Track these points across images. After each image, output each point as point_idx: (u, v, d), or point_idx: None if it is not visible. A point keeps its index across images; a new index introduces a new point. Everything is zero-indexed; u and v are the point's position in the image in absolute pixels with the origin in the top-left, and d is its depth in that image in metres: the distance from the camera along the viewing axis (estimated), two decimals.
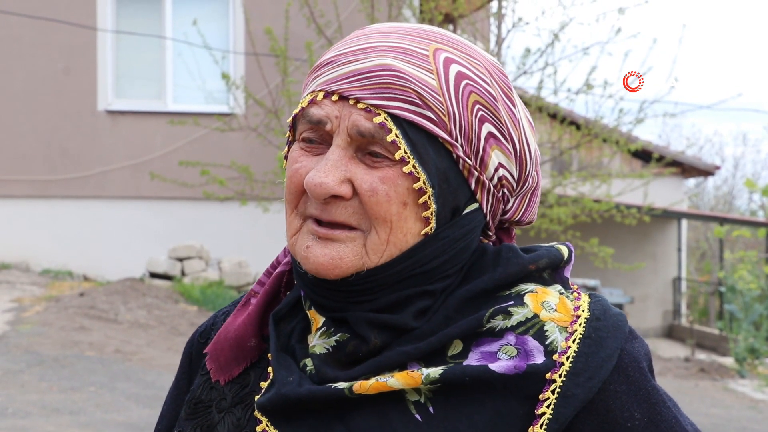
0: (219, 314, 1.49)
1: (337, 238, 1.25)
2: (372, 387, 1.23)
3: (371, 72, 1.25)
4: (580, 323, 1.27)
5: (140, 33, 14.99)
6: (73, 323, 10.87)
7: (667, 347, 19.78)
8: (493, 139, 1.30)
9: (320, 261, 1.25)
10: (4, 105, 14.77)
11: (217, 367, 1.38)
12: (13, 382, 8.81)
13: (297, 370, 1.29)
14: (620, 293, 18.83)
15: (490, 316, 1.26)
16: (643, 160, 20.02)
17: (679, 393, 11.92)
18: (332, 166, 1.24)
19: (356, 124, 1.24)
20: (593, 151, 15.90)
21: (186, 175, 13.94)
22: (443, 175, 1.27)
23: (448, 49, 1.30)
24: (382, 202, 1.24)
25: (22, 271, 14.25)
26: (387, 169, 1.24)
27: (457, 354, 1.25)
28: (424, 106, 1.25)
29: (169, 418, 1.47)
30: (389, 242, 1.25)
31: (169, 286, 13.40)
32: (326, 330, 1.29)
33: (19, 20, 14.42)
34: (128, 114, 15.08)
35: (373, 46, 1.28)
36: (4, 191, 14.72)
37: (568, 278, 1.37)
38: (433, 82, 1.26)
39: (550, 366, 1.23)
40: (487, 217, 1.33)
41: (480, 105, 1.29)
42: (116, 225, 14.75)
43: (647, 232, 22.10)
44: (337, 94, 1.26)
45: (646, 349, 1.30)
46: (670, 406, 1.28)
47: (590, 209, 13.96)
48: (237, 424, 1.34)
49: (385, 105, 1.24)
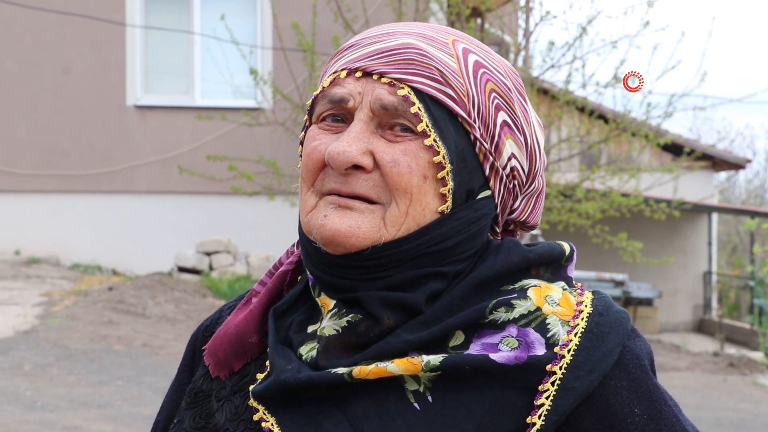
0: (225, 308, 1.51)
1: (357, 207, 1.26)
2: (372, 372, 1.23)
3: (395, 50, 1.29)
4: (583, 318, 1.27)
5: (169, 28, 15.05)
6: (101, 317, 10.94)
7: (697, 342, 19.67)
8: (508, 128, 1.33)
9: (337, 227, 1.25)
10: (34, 101, 14.87)
11: (215, 362, 1.39)
12: (41, 376, 8.88)
13: (295, 359, 1.29)
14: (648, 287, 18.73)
15: (493, 308, 1.26)
16: (674, 154, 19.90)
17: (707, 388, 11.86)
18: (355, 137, 1.26)
19: (379, 98, 1.27)
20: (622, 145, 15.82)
21: (214, 169, 13.99)
22: (461, 154, 1.29)
23: (466, 42, 1.34)
24: (403, 173, 1.26)
25: (52, 265, 14.35)
26: (408, 143, 1.27)
27: (458, 345, 1.25)
28: (446, 84, 1.28)
29: (169, 409, 1.48)
30: (408, 215, 1.26)
31: (197, 281, 13.45)
32: (338, 311, 1.29)
33: (49, 16, 14.51)
34: (157, 109, 15.14)
35: (396, 31, 1.32)
36: (35, 186, 14.83)
37: (572, 277, 1.37)
38: (453, 64, 1.30)
39: (551, 358, 1.23)
40: (497, 208, 1.34)
41: (496, 93, 1.32)
42: (145, 219, 14.83)
43: (677, 227, 21.96)
44: (360, 71, 1.29)
45: (649, 348, 1.31)
46: (671, 405, 1.28)
47: (619, 204, 13.89)
48: (235, 412, 1.34)
49: (409, 79, 1.27)
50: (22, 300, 11.73)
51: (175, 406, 1.47)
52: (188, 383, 1.45)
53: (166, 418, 1.48)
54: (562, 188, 14.12)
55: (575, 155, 15.10)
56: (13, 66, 14.83)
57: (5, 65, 14.83)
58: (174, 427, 1.41)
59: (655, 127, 14.65)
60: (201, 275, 13.72)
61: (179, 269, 13.98)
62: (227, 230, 14.38)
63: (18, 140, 14.86)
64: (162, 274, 13.57)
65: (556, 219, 14.10)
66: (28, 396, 8.24)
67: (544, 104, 15.23)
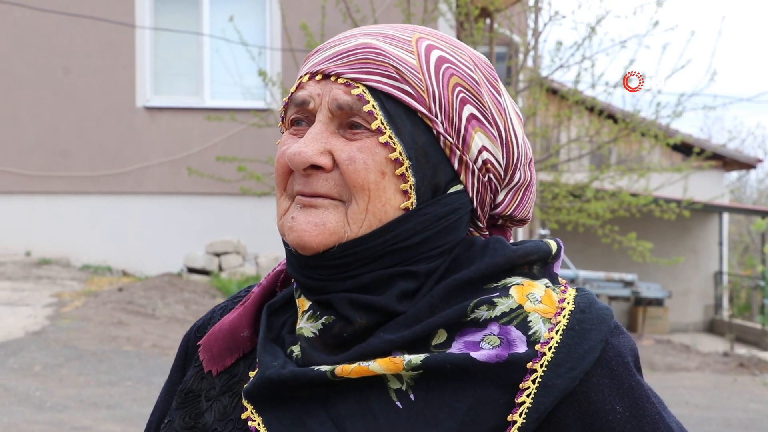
0: (217, 309, 1.51)
1: (320, 204, 1.28)
2: (354, 371, 1.24)
3: (352, 50, 1.31)
4: (564, 315, 1.27)
5: (178, 30, 15.08)
6: (111, 318, 10.97)
7: (708, 342, 19.64)
8: (476, 121, 1.32)
9: (303, 227, 1.27)
10: (44, 102, 14.92)
11: (209, 357, 1.40)
12: (52, 376, 8.92)
13: (282, 356, 1.30)
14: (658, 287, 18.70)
15: (475, 306, 1.26)
16: (684, 154, 19.87)
17: (716, 388, 11.84)
18: (312, 138, 1.28)
19: (335, 98, 1.28)
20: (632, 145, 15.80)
21: (223, 170, 14.02)
22: (422, 150, 1.29)
23: (432, 39, 1.34)
24: (359, 170, 1.27)
25: (62, 266, 14.39)
26: (365, 140, 1.28)
27: (440, 343, 1.26)
28: (402, 80, 1.29)
29: (162, 409, 1.48)
30: (368, 211, 1.27)
31: (206, 281, 13.48)
32: (312, 313, 1.30)
33: (59, 18, 14.55)
34: (166, 110, 15.17)
35: (358, 33, 1.34)
36: (45, 188, 14.87)
37: (558, 274, 1.37)
38: (412, 60, 1.30)
39: (532, 356, 1.23)
40: (474, 203, 1.34)
41: (461, 87, 1.31)
42: (154, 220, 14.86)
43: (688, 227, 21.93)
44: (320, 74, 1.31)
45: (633, 345, 1.30)
46: (654, 402, 1.27)
47: (628, 203, 13.87)
48: (224, 411, 1.35)
49: (363, 78, 1.28)
50: (33, 301, 11.77)
51: (168, 406, 1.47)
52: (180, 383, 1.46)
53: (158, 419, 1.48)
54: (572, 188, 14.11)
55: (585, 155, 15.09)
56: (24, 68, 14.87)
57: (16, 67, 14.88)
58: (164, 427, 1.41)
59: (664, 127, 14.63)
60: (210, 276, 13.75)
61: (189, 270, 14.01)
62: (236, 231, 14.40)
63: (28, 142, 14.91)
64: (172, 275, 13.60)
65: (565, 219, 14.09)
66: (38, 396, 8.27)
67: (553, 104, 15.22)
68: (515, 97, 13.55)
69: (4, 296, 11.96)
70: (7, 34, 14.86)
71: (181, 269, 14.14)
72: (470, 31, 13.08)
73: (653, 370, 12.96)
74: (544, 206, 14.42)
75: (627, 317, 20.62)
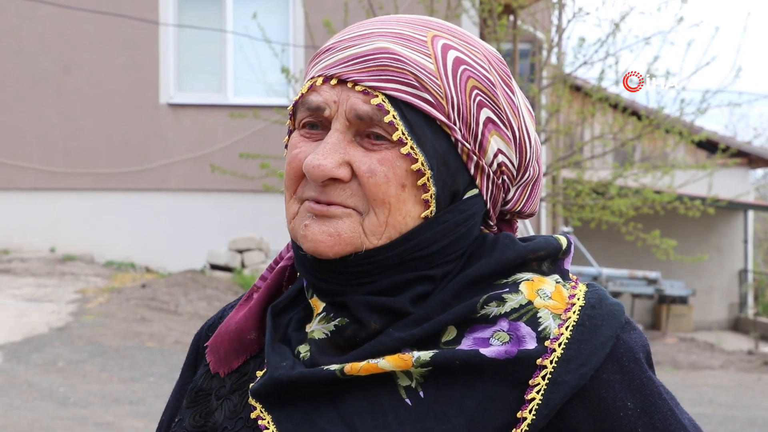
0: (227, 307, 1.50)
1: (334, 213, 1.26)
2: (363, 368, 1.23)
3: (369, 55, 1.26)
4: (575, 311, 1.26)
5: (202, 27, 15.11)
6: (134, 314, 11.01)
7: (732, 340, 19.53)
8: (492, 125, 1.30)
9: (318, 238, 1.26)
10: (69, 99, 14.98)
11: (216, 359, 1.39)
12: (75, 372, 8.96)
13: (291, 357, 1.29)
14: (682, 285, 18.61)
15: (484, 302, 1.26)
16: (709, 151, 19.76)
17: (741, 386, 11.77)
18: (331, 149, 1.25)
19: (354, 107, 1.25)
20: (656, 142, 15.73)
21: (246, 167, 14.03)
22: (442, 158, 1.27)
23: (447, 36, 1.31)
24: (380, 183, 1.24)
25: (86, 262, 14.45)
26: (385, 151, 1.25)
27: (450, 340, 1.25)
28: (422, 89, 1.26)
29: (173, 408, 1.48)
30: (388, 224, 1.26)
31: (229, 278, 13.51)
32: (326, 315, 1.29)
33: (83, 15, 14.61)
34: (190, 107, 15.21)
35: (372, 32, 1.29)
36: (69, 184, 14.94)
37: (568, 270, 1.35)
38: (430, 65, 1.27)
39: (542, 352, 1.22)
40: (487, 205, 1.33)
41: (478, 90, 1.29)
42: (178, 217, 14.90)
43: (712, 224, 21.81)
44: (335, 78, 1.27)
45: (644, 340, 1.28)
46: (666, 399, 1.26)
47: (652, 201, 13.80)
48: (233, 410, 1.34)
49: (383, 87, 1.25)
50: (57, 297, 11.83)
51: (179, 405, 1.47)
52: (191, 382, 1.45)
53: (169, 417, 1.48)
54: (595, 185, 14.06)
55: (608, 152, 15.03)
56: (49, 65, 14.94)
57: (41, 64, 14.95)
58: (175, 425, 1.41)
59: (689, 124, 14.55)
60: (233, 273, 13.78)
61: (212, 267, 14.04)
62: (259, 228, 14.42)
63: (52, 139, 14.98)
64: (194, 271, 13.64)
65: (588, 216, 14.04)
66: (61, 392, 8.32)
67: (576, 101, 15.17)
68: (538, 95, 13.52)
69: (29, 292, 12.03)
70: (32, 31, 14.93)
71: (204, 266, 14.18)
72: (493, 27, 13.05)
73: (677, 368, 12.91)
74: (568, 203, 14.37)
75: (651, 315, 20.53)
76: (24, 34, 14.91)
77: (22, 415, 7.62)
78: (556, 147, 15.17)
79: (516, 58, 14.42)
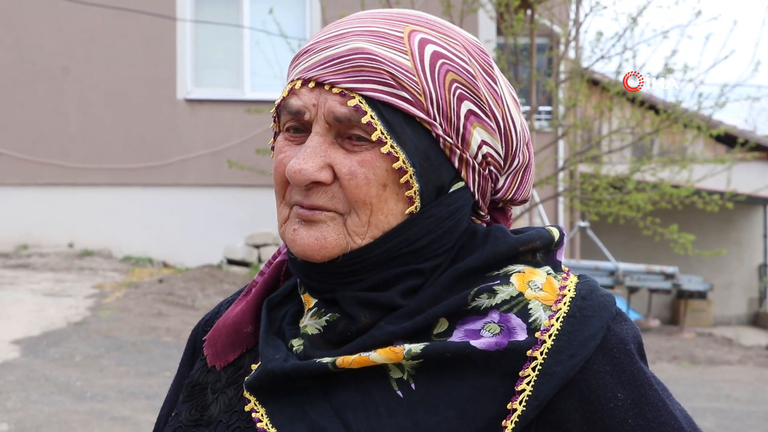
0: (224, 303, 1.52)
1: (319, 218, 1.27)
2: (355, 361, 1.24)
3: (344, 56, 1.27)
4: (565, 302, 1.26)
5: (219, 22, 15.15)
6: (151, 309, 11.05)
7: (751, 335, 19.43)
8: (474, 117, 1.30)
9: (306, 242, 1.27)
10: (87, 95, 15.04)
11: (213, 352, 1.40)
12: (92, 367, 9.00)
13: (284, 350, 1.30)
14: (699, 280, 18.53)
15: (475, 294, 1.26)
16: (728, 145, 19.66)
17: (759, 381, 11.72)
18: (311, 153, 1.26)
19: (332, 110, 1.26)
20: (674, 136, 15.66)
21: (263, 162, 14.06)
22: (423, 154, 1.27)
23: (425, 30, 1.30)
24: (361, 185, 1.25)
25: (104, 257, 14.51)
26: (366, 152, 1.26)
27: (442, 332, 1.25)
28: (399, 87, 1.26)
29: (171, 402, 1.49)
30: (370, 224, 1.27)
31: (245, 273, 13.55)
32: (317, 311, 1.30)
33: (101, 11, 14.66)
34: (207, 102, 15.25)
35: (348, 32, 1.29)
36: (87, 180, 15.00)
37: (561, 261, 1.36)
38: (407, 62, 1.27)
39: (532, 343, 1.22)
40: (475, 196, 1.33)
41: (458, 83, 1.29)
42: (195, 212, 14.94)
43: (731, 219, 21.72)
44: (313, 81, 1.28)
45: (636, 331, 1.28)
46: (657, 390, 1.25)
47: (670, 195, 13.74)
48: (228, 403, 1.35)
49: (359, 88, 1.25)
50: (75, 292, 11.88)
51: (177, 399, 1.48)
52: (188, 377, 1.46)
53: (167, 412, 1.49)
54: (612, 180, 14.01)
55: (626, 147, 14.98)
56: (66, 61, 15.00)
57: (59, 60, 15.01)
58: (172, 420, 1.42)
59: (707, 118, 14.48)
60: (250, 268, 13.81)
61: (228, 262, 14.08)
62: (276, 223, 14.38)
63: (70, 135, 15.04)
64: (211, 266, 13.68)
65: (606, 211, 14.00)
66: (78, 386, 8.35)
67: (594, 95, 15.12)
68: (555, 89, 13.49)
69: (47, 287, 12.09)
70: (51, 28, 14.99)
71: (221, 261, 14.22)
72: (510, 22, 13.01)
73: (694, 363, 12.86)
74: (585, 198, 14.33)
75: (670, 310, 20.46)
76: (42, 31, 14.97)
77: (39, 408, 7.66)
78: (573, 141, 15.14)
79: (533, 52, 14.38)
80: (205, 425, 1.36)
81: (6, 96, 14.98)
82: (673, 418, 1.25)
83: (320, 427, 1.24)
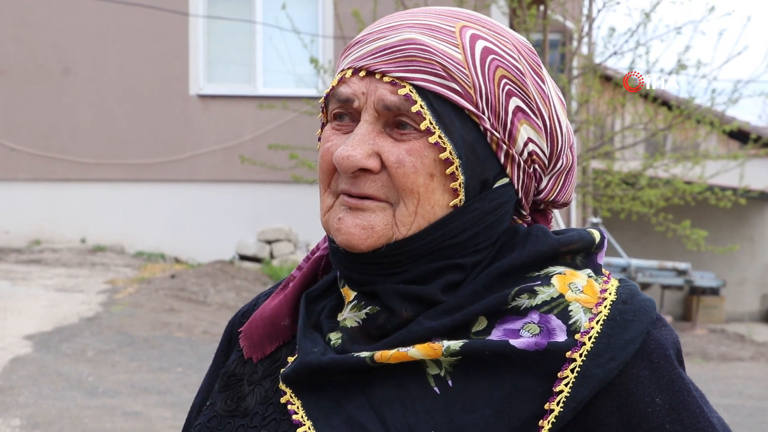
0: (261, 295, 1.52)
1: (367, 207, 1.27)
2: (393, 356, 1.25)
3: (397, 46, 1.28)
4: (606, 305, 1.26)
5: (231, 18, 15.15)
6: (163, 305, 11.07)
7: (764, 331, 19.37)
8: (522, 114, 1.31)
9: (352, 231, 1.27)
10: (99, 90, 15.06)
11: (249, 344, 1.41)
12: (104, 362, 9.02)
13: (322, 343, 1.31)
14: (712, 276, 18.49)
15: (516, 294, 1.26)
16: (741, 141, 19.61)
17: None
18: (360, 140, 1.27)
19: (382, 98, 1.26)
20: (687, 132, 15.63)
21: (275, 158, 14.07)
22: (470, 147, 1.28)
23: (476, 27, 1.32)
24: (409, 173, 1.26)
25: (116, 253, 14.55)
26: (414, 141, 1.26)
27: (480, 331, 1.26)
28: (449, 78, 1.27)
29: (205, 392, 1.50)
30: (417, 214, 1.27)
31: (257, 269, 13.55)
32: (357, 303, 1.31)
33: (113, 7, 14.68)
34: (219, 98, 15.26)
35: (400, 24, 1.31)
36: (100, 175, 15.03)
37: (601, 264, 1.36)
38: (458, 55, 1.28)
39: (571, 345, 1.23)
40: (519, 194, 1.33)
41: (507, 79, 1.30)
42: (207, 208, 14.96)
43: (744, 215, 21.65)
44: (364, 70, 1.29)
45: (675, 338, 1.29)
46: (695, 396, 1.26)
47: (683, 191, 13.72)
48: (265, 395, 1.36)
49: (410, 77, 1.26)
50: (87, 287, 11.91)
51: (211, 389, 1.48)
52: (223, 367, 1.47)
53: (201, 401, 1.50)
54: (625, 176, 13.99)
55: (639, 142, 14.95)
56: (79, 57, 15.02)
57: (72, 55, 15.04)
58: (207, 409, 1.43)
59: (720, 114, 14.44)
60: (262, 263, 13.82)
61: (240, 257, 14.09)
62: (288, 219, 14.45)
63: (83, 130, 15.07)
64: (223, 262, 13.69)
65: (618, 207, 13.98)
66: (90, 382, 8.37)
67: (607, 91, 15.09)
68: (568, 85, 13.47)
69: (60, 282, 12.12)
70: (65, 23, 15.02)
71: (233, 256, 14.23)
72: (523, 18, 13.01)
73: (706, 359, 12.83)
74: (597, 194, 14.31)
75: (682, 306, 20.41)
76: (55, 27, 15.00)
77: (51, 404, 7.68)
78: (586, 137, 15.12)
79: (546, 48, 14.36)
80: (241, 416, 1.37)
81: (19, 92, 15.02)
82: (710, 425, 1.25)
83: (356, 421, 1.25)
